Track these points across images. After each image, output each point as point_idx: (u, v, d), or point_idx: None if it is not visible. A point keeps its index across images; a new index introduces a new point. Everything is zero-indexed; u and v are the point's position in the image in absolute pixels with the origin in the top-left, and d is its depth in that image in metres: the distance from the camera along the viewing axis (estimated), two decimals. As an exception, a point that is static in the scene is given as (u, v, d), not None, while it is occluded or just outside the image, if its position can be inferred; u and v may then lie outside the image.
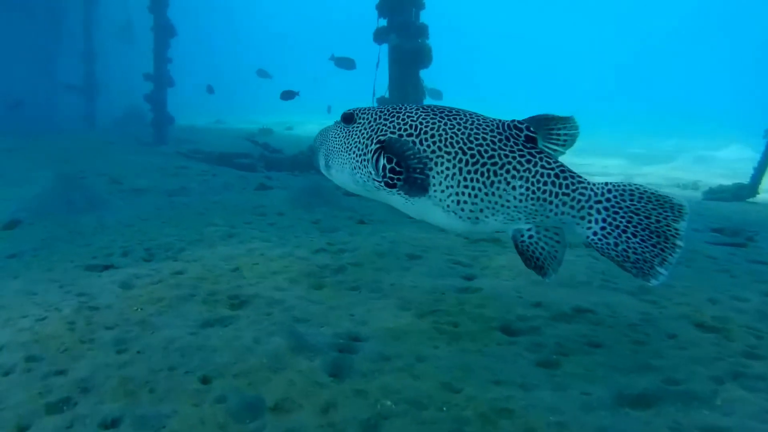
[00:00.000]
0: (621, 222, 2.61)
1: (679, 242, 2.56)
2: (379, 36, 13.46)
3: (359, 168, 3.01)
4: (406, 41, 13.25)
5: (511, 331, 4.27)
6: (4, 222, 7.88)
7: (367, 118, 3.04)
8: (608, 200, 2.64)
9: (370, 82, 13.71)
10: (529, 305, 4.75)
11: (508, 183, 2.69)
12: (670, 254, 2.56)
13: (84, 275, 5.48)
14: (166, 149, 16.94)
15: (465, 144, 2.73)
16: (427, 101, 14.13)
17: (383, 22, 13.53)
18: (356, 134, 3.03)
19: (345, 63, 15.79)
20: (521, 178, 2.68)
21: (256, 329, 3.98)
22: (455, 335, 4.13)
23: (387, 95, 13.40)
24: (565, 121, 2.74)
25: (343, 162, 3.10)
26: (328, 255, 6.08)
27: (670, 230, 2.57)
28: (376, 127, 2.94)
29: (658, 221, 2.58)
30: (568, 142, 2.79)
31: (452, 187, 2.75)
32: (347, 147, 3.06)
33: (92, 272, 5.59)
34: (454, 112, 2.88)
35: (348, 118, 3.12)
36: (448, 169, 2.75)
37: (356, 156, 3.00)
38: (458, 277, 5.60)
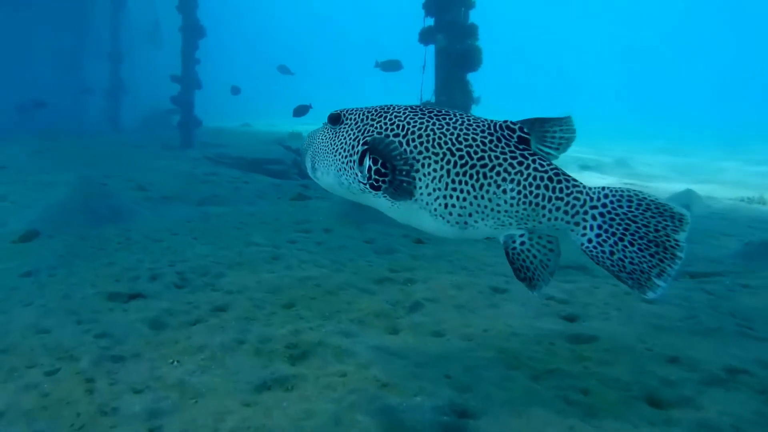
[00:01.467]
0: (617, 229, 2.50)
1: (679, 253, 2.45)
2: (426, 36, 12.50)
3: (345, 170, 2.87)
4: (454, 42, 12.28)
5: (659, 402, 3.27)
6: (21, 232, 7.03)
7: (354, 119, 2.91)
8: (604, 206, 2.53)
9: (413, 85, 12.76)
10: (664, 361, 3.74)
11: (499, 186, 2.57)
12: (669, 266, 2.44)
13: (106, 306, 4.55)
14: (193, 153, 16.12)
15: (454, 145, 2.62)
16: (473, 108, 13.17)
17: (430, 22, 12.56)
18: (343, 135, 2.91)
19: (391, 65, 14.85)
20: (512, 181, 2.56)
21: (332, 399, 3.01)
22: (589, 408, 3.13)
23: (433, 99, 12.43)
24: (561, 123, 2.61)
25: (328, 164, 2.96)
26: (396, 287, 5.10)
27: (669, 240, 2.46)
28: (363, 128, 2.83)
29: (657, 230, 2.47)
30: (563, 145, 2.65)
31: (440, 189, 2.63)
32: (333, 149, 2.93)
33: (116, 302, 4.67)
34: (443, 112, 2.76)
35: (335, 119, 2.98)
36: (435, 170, 2.62)
37: (342, 158, 2.88)
38: (557, 317, 4.62)
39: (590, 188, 2.58)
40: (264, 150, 16.83)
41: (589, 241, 2.55)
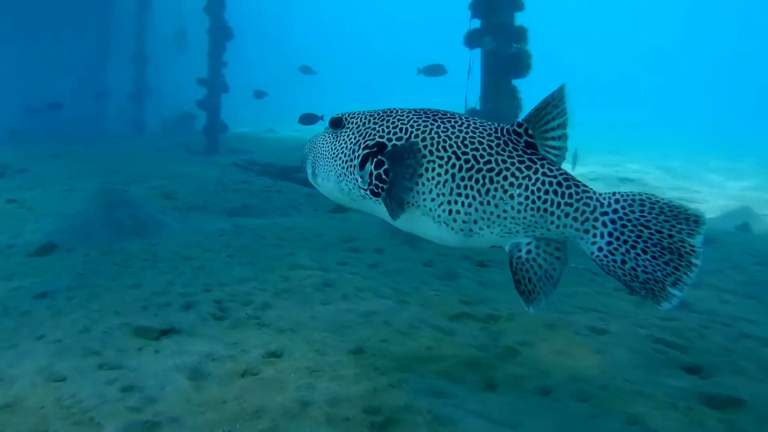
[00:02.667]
0: (630, 236, 2.37)
1: (695, 260, 2.31)
2: (472, 39, 11.71)
3: (345, 175, 2.78)
4: (502, 46, 11.47)
5: None
6: (37, 245, 6.30)
7: (356, 123, 2.82)
8: (615, 212, 2.40)
9: (454, 91, 11.95)
10: None
11: (506, 191, 2.46)
12: (685, 273, 2.30)
13: (133, 345, 3.76)
14: (220, 159, 15.40)
15: (459, 148, 2.52)
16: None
17: (476, 24, 11.77)
18: (344, 139, 2.82)
19: (434, 70, 14.05)
20: (520, 186, 2.44)
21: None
22: None
23: (478, 107, 11.62)
24: (554, 108, 2.45)
25: (329, 169, 2.87)
26: (477, 325, 4.27)
27: (684, 246, 2.32)
28: (365, 132, 2.74)
29: (671, 236, 2.33)
30: (563, 138, 2.51)
31: (444, 195, 2.52)
32: (334, 153, 2.85)
33: (145, 338, 3.88)
34: (448, 115, 2.68)
35: (336, 123, 2.89)
36: (439, 175, 2.52)
37: (343, 162, 2.79)
38: (677, 368, 3.82)
39: (601, 194, 2.45)
40: (292, 157, 16.07)
41: (600, 249, 2.41)
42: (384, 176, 2.59)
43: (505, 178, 2.47)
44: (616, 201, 2.42)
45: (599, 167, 22.25)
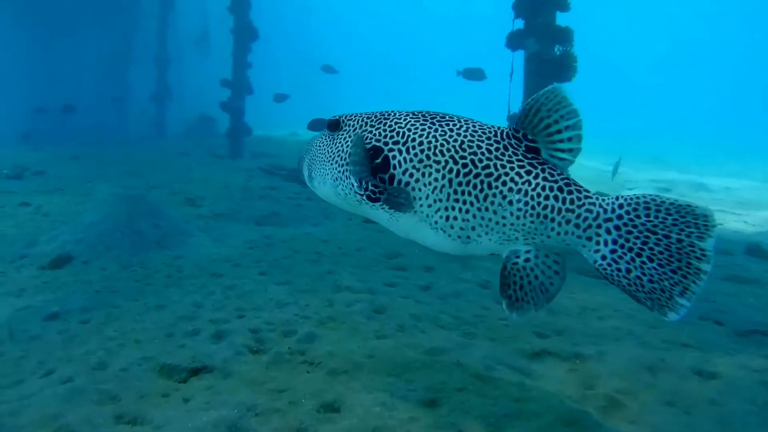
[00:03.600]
0: (635, 243, 2.24)
1: (704, 266, 2.15)
2: (515, 40, 11.02)
3: (341, 179, 2.70)
4: (547, 48, 10.77)
5: None
6: (51, 256, 5.72)
7: (353, 125, 2.75)
8: (620, 217, 2.27)
9: (493, 97, 11.25)
10: None
11: (505, 197, 2.37)
12: (694, 282, 2.16)
13: (158, 389, 3.13)
14: (244, 163, 14.82)
15: (457, 152, 2.44)
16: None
17: (519, 24, 11.08)
18: (341, 142, 2.74)
19: (474, 74, 13.38)
20: (519, 191, 2.36)
21: None
22: None
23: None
24: (559, 108, 2.32)
25: (325, 173, 2.79)
26: (563, 366, 3.61)
27: (694, 251, 2.17)
28: (362, 135, 2.63)
29: (680, 240, 2.19)
30: (573, 140, 2.36)
31: (441, 200, 2.44)
32: (330, 156, 2.77)
33: (171, 380, 3.24)
34: (447, 118, 2.59)
35: (333, 125, 2.82)
36: (436, 180, 2.45)
37: (339, 166, 2.71)
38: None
39: (604, 199, 2.33)
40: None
41: (603, 258, 2.30)
42: (380, 181, 2.50)
43: (504, 184, 2.38)
44: (620, 206, 2.29)
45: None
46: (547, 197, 2.35)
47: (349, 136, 2.73)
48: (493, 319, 4.48)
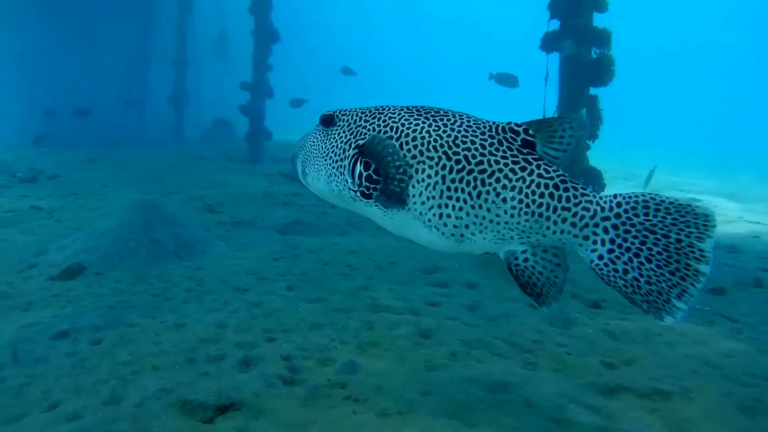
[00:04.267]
0: (633, 243, 2.18)
1: (704, 268, 2.08)
2: (550, 42, 10.53)
3: (335, 175, 2.64)
4: (583, 50, 10.28)
5: None
6: (62, 266, 5.30)
7: (348, 120, 2.68)
8: (618, 216, 2.20)
9: (526, 101, 10.75)
10: None
11: (498, 194, 2.30)
12: (692, 284, 2.09)
13: (180, 430, 2.65)
14: (264, 168, 14.38)
15: (450, 148, 2.37)
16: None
17: (554, 25, 10.59)
18: (334, 138, 2.67)
19: (507, 80, 12.87)
20: (513, 188, 2.28)
21: None
22: None
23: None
24: (572, 120, 2.30)
25: (319, 168, 2.73)
26: (644, 404, 3.12)
27: (693, 252, 2.10)
28: (356, 131, 2.59)
29: (678, 240, 2.12)
30: (571, 145, 2.34)
31: (434, 198, 2.38)
32: (324, 152, 2.70)
33: (194, 420, 2.77)
34: (441, 113, 2.52)
35: (327, 121, 2.74)
36: (429, 176, 2.37)
37: (333, 162, 2.64)
38: None
39: (601, 197, 2.24)
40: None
41: (600, 257, 2.21)
42: (374, 177, 2.45)
43: (497, 180, 2.31)
44: (618, 204, 2.22)
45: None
46: (542, 195, 2.27)
47: (343, 132, 2.66)
48: (551, 344, 3.98)
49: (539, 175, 2.29)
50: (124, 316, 4.24)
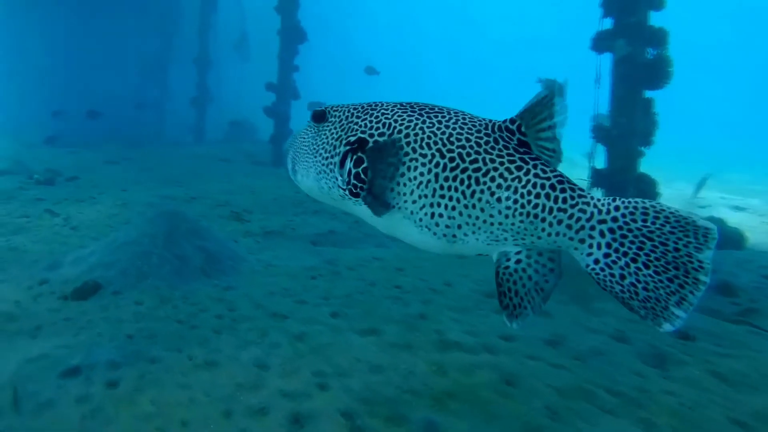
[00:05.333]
0: (630, 248, 2.08)
1: (703, 278, 2.01)
2: (602, 42, 9.81)
3: (325, 173, 2.54)
4: (638, 51, 9.54)
5: None
6: (76, 283, 4.69)
7: (339, 117, 2.56)
8: (615, 220, 2.10)
9: (576, 104, 9.98)
10: None
11: (493, 194, 2.20)
12: (691, 292, 2.01)
13: None
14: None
15: (444, 145, 2.27)
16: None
17: (607, 24, 9.87)
18: (325, 134, 2.57)
19: (555, 88, 12.15)
20: (508, 188, 2.18)
21: None
22: None
23: (607, 122, 9.70)
24: (546, 103, 2.17)
25: (308, 166, 2.62)
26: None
27: (692, 261, 2.02)
28: (347, 127, 2.49)
29: (677, 249, 2.04)
30: (558, 128, 2.21)
31: (426, 197, 2.28)
32: (314, 149, 2.60)
33: None
34: (436, 110, 2.43)
35: (319, 116, 2.62)
36: (422, 174, 2.27)
37: (323, 159, 2.54)
38: None
39: (599, 199, 2.14)
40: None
41: (596, 261, 2.11)
42: (363, 175, 2.33)
43: (492, 179, 2.19)
44: (616, 208, 2.10)
45: None
46: (537, 195, 2.17)
47: (334, 128, 2.55)
48: (659, 393, 3.27)
49: (536, 175, 2.18)
50: (145, 349, 3.60)
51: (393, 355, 3.48)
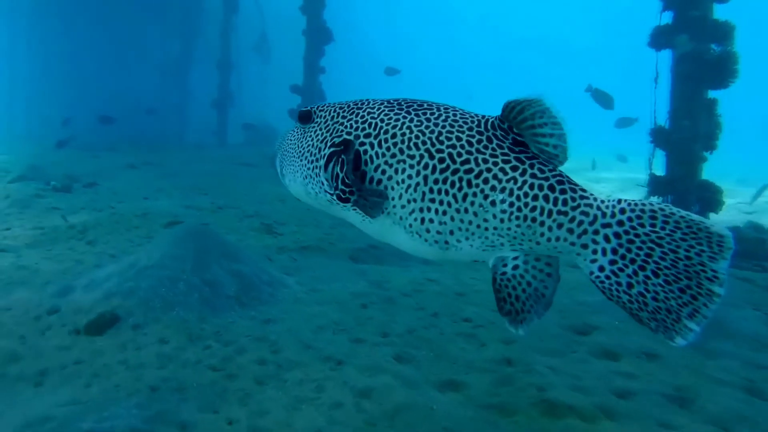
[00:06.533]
0: (638, 255, 1.90)
1: (717, 289, 1.84)
2: (662, 37, 8.99)
3: (311, 177, 2.39)
4: (702, 47, 8.71)
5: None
6: (90, 314, 4.00)
7: (325, 117, 2.44)
8: (621, 223, 1.93)
9: (628, 105, 9.22)
10: None
11: (486, 197, 2.04)
12: (705, 305, 1.84)
13: None
14: (316, 179, 13.08)
15: (433, 145, 2.13)
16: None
17: (666, 18, 9.06)
18: (311, 136, 2.44)
19: (603, 99, 11.42)
20: (503, 190, 2.02)
21: None
22: None
23: (667, 124, 8.90)
24: (536, 105, 1.99)
25: (295, 170, 2.48)
26: None
27: (705, 271, 1.84)
28: (332, 128, 2.36)
29: (689, 257, 1.86)
30: (558, 148, 2.02)
31: (415, 201, 2.14)
32: (300, 152, 2.46)
33: None
34: (425, 107, 2.27)
35: (305, 117, 2.51)
36: (410, 177, 2.13)
37: (309, 162, 2.41)
38: None
39: (603, 201, 1.98)
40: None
41: (601, 269, 1.95)
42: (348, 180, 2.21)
43: (485, 181, 2.04)
44: (622, 211, 1.93)
45: None
46: (535, 197, 1.99)
47: (320, 129, 2.40)
48: None
49: (533, 176, 2.01)
50: (173, 410, 2.88)
51: (491, 424, 2.71)
